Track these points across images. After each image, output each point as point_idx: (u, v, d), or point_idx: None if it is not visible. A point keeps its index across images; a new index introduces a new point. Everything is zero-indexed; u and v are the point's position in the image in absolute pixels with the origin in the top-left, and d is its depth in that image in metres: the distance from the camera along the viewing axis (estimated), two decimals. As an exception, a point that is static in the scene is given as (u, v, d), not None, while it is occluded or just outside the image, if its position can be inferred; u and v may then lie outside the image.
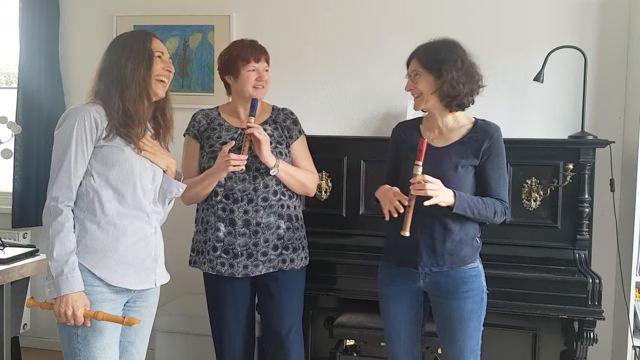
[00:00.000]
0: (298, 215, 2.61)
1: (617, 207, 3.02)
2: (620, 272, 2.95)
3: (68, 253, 1.92)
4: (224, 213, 2.48)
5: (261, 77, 2.49)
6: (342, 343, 2.90)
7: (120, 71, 2.02)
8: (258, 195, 2.47)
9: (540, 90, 3.08)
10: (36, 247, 2.93)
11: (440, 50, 2.16)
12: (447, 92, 2.13)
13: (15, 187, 3.68)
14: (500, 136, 2.21)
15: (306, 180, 2.57)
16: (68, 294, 1.89)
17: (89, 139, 1.97)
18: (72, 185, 1.96)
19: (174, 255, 2.38)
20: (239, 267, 2.47)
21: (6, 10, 3.93)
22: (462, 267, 2.19)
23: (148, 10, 3.63)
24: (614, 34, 3.09)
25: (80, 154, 1.96)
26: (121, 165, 2.01)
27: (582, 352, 2.65)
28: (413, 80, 2.20)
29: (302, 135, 2.63)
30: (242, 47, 2.51)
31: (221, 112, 2.62)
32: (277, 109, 2.64)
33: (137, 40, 2.07)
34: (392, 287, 2.28)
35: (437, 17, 3.22)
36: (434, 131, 2.25)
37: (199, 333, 3.17)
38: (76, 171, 1.96)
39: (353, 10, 3.37)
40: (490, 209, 2.15)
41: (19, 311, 2.94)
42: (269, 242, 2.49)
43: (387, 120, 3.22)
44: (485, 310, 2.24)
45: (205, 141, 2.55)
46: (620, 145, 3.05)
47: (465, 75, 2.14)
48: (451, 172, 2.15)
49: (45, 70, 3.66)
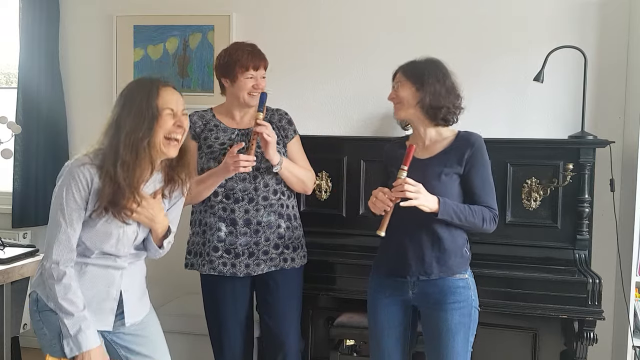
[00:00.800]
0: (296, 215, 2.63)
1: (617, 207, 3.02)
2: (620, 272, 2.95)
3: (81, 310, 1.91)
4: (225, 213, 2.48)
5: (258, 84, 2.50)
6: (342, 343, 2.90)
7: (117, 131, 1.88)
8: (259, 194, 2.47)
9: (540, 90, 3.08)
10: (36, 247, 2.93)
11: (424, 64, 2.24)
12: (430, 103, 2.18)
13: (15, 187, 3.68)
14: (483, 145, 2.22)
15: (305, 177, 2.59)
16: (89, 350, 1.90)
17: (82, 200, 1.91)
18: (72, 246, 1.92)
19: (173, 255, 2.37)
20: (241, 267, 2.48)
21: (6, 10, 3.93)
22: (450, 277, 2.18)
23: (148, 10, 3.63)
24: (614, 34, 3.08)
25: (75, 215, 1.91)
26: (102, 232, 1.95)
27: (582, 352, 2.65)
28: (395, 90, 2.27)
29: (297, 135, 2.64)
30: (242, 53, 2.50)
31: (216, 114, 2.61)
32: (271, 110, 2.64)
33: (140, 94, 1.90)
34: (380, 298, 2.26)
35: (441, 17, 3.21)
36: (419, 145, 2.27)
37: (199, 333, 3.17)
38: (74, 231, 1.92)
39: (353, 10, 3.36)
40: (478, 216, 2.15)
41: (19, 311, 2.95)
42: (270, 241, 2.49)
43: (387, 120, 3.22)
44: (475, 329, 2.20)
45: (202, 142, 2.55)
46: (620, 145, 3.05)
47: (446, 90, 2.19)
48: (435, 180, 2.16)
49: (45, 70, 3.66)
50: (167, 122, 1.90)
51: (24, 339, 3.46)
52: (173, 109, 1.92)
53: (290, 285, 2.56)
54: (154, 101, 1.88)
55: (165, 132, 1.91)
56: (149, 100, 1.88)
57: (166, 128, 1.90)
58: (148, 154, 1.89)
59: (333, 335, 2.87)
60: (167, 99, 1.91)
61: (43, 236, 2.98)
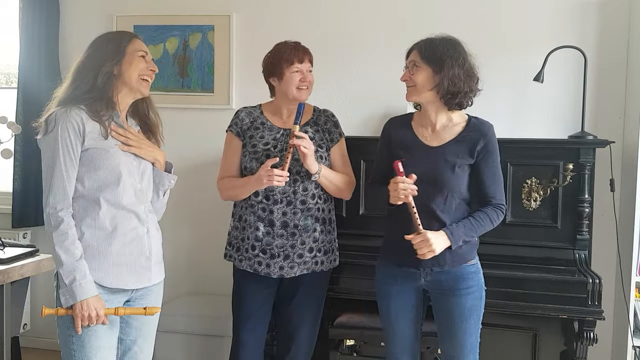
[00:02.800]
0: (332, 218, 2.63)
1: (617, 207, 3.02)
2: (620, 272, 2.95)
3: (77, 260, 1.93)
4: (264, 213, 2.48)
5: (305, 77, 2.50)
6: (342, 343, 2.90)
7: (94, 67, 2.02)
8: (297, 198, 2.47)
9: (540, 90, 3.08)
10: (36, 247, 2.93)
11: (443, 45, 2.15)
12: (447, 88, 2.12)
13: (15, 187, 3.68)
14: (494, 134, 2.21)
15: (344, 185, 2.57)
16: (85, 299, 1.92)
17: (75, 143, 1.96)
18: (68, 192, 1.96)
19: (173, 255, 2.38)
20: (275, 268, 2.48)
21: (6, 10, 3.92)
22: (463, 264, 2.20)
23: (148, 10, 3.63)
24: (614, 34, 3.08)
25: (69, 159, 1.96)
26: (107, 168, 2.00)
27: (582, 352, 2.65)
28: (410, 71, 2.18)
29: (342, 139, 2.63)
30: (285, 48, 2.51)
31: (264, 111, 2.61)
32: (318, 110, 2.64)
33: (111, 42, 2.07)
34: (393, 285, 2.28)
35: (441, 17, 3.21)
36: (427, 128, 2.24)
37: (199, 333, 3.18)
38: (69, 177, 1.96)
39: (353, 10, 3.36)
40: (486, 223, 2.18)
41: (19, 311, 2.95)
42: (305, 244, 2.50)
43: (387, 120, 3.22)
44: (483, 308, 2.24)
45: (247, 140, 2.54)
46: (620, 145, 3.05)
47: (465, 74, 2.14)
48: (448, 173, 2.15)
49: (45, 70, 3.66)
50: (140, 62, 2.07)
51: (24, 339, 3.46)
52: (146, 53, 2.10)
53: (314, 288, 2.57)
54: (126, 47, 2.05)
55: (140, 72, 2.06)
56: (120, 46, 2.05)
57: (140, 68, 2.06)
58: (123, 79, 2.04)
59: (333, 335, 2.87)
60: (137, 45, 2.09)
61: (43, 236, 3.00)
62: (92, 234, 1.99)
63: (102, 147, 2.00)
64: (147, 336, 2.19)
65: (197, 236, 3.57)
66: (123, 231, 2.03)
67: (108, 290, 2.01)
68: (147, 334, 2.18)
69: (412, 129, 2.28)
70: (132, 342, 2.14)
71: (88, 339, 1.97)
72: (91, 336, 1.97)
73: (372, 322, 2.75)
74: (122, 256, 2.02)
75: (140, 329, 2.15)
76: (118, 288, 2.03)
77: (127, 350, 2.14)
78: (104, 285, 2.00)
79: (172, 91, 3.61)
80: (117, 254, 2.01)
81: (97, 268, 1.98)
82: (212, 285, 3.54)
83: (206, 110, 3.56)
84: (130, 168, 2.06)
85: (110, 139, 2.03)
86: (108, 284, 2.00)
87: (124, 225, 2.03)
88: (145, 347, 2.18)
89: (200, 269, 3.58)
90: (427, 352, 2.71)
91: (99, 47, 2.07)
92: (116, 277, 2.01)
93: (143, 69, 2.07)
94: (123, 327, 2.11)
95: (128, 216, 2.04)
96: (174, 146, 2.67)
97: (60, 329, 2.01)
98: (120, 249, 2.02)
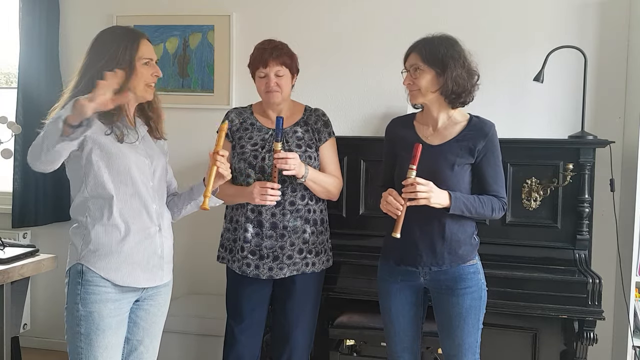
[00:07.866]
0: (324, 219, 2.61)
1: (617, 207, 3.02)
2: (620, 272, 2.95)
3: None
4: (253, 214, 2.48)
5: (269, 82, 2.45)
6: (342, 343, 2.90)
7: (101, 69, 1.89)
8: (286, 199, 2.47)
9: (540, 90, 3.08)
10: (36, 247, 2.93)
11: (443, 46, 2.14)
12: (452, 89, 2.12)
13: (15, 187, 3.68)
14: (495, 133, 2.21)
15: (331, 186, 2.55)
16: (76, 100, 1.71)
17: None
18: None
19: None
20: (264, 269, 2.48)
21: (6, 10, 3.93)
22: (461, 264, 2.20)
23: (148, 10, 3.63)
24: (614, 34, 3.09)
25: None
26: (120, 168, 2.00)
27: (582, 352, 2.65)
28: (412, 75, 2.18)
29: (331, 138, 2.61)
30: (255, 52, 2.50)
31: (254, 111, 2.61)
32: (309, 110, 2.63)
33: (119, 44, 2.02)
34: (393, 284, 2.28)
35: (438, 17, 3.21)
36: (429, 127, 2.25)
37: (199, 333, 3.18)
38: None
39: (353, 10, 3.36)
40: (488, 207, 2.16)
41: (19, 311, 2.94)
42: (294, 245, 2.49)
43: (387, 120, 3.17)
44: (484, 308, 2.24)
45: (237, 141, 2.55)
46: (620, 145, 3.05)
47: (467, 72, 2.14)
48: (447, 171, 2.16)
49: (45, 70, 3.66)
50: (146, 71, 2.06)
51: (24, 339, 3.46)
52: (152, 59, 2.09)
53: (307, 289, 2.56)
54: (134, 58, 2.02)
55: (145, 81, 2.06)
56: (131, 56, 2.01)
57: (146, 77, 2.06)
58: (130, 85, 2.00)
59: (333, 335, 2.87)
60: (144, 52, 2.06)
61: (43, 236, 3.00)
62: (107, 233, 2.00)
63: (114, 147, 2.00)
64: (154, 337, 2.19)
65: (194, 237, 3.56)
66: (136, 230, 2.04)
67: (119, 288, 2.01)
68: (153, 335, 2.19)
69: (414, 128, 2.28)
70: (139, 343, 2.14)
71: (95, 337, 1.98)
72: (99, 334, 1.98)
73: (372, 322, 2.75)
74: (136, 254, 2.03)
75: (147, 329, 2.15)
76: (129, 286, 2.03)
77: (133, 350, 2.14)
78: (116, 283, 2.00)
79: (172, 91, 3.61)
80: (130, 253, 2.02)
81: (109, 266, 1.99)
82: (208, 286, 3.55)
83: (206, 110, 3.55)
84: (142, 167, 2.07)
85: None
86: (120, 281, 2.01)
87: (137, 224, 2.04)
88: (151, 348, 2.18)
89: (197, 270, 3.57)
90: (427, 352, 2.71)
91: (107, 47, 2.03)
92: (128, 275, 2.02)
93: (148, 77, 2.07)
94: (130, 326, 2.11)
95: (141, 215, 2.06)
96: (174, 146, 2.66)
97: (68, 326, 2.02)
98: (133, 247, 2.03)
